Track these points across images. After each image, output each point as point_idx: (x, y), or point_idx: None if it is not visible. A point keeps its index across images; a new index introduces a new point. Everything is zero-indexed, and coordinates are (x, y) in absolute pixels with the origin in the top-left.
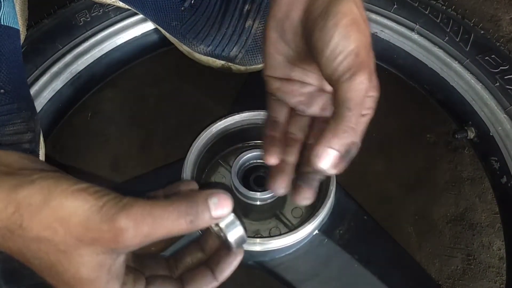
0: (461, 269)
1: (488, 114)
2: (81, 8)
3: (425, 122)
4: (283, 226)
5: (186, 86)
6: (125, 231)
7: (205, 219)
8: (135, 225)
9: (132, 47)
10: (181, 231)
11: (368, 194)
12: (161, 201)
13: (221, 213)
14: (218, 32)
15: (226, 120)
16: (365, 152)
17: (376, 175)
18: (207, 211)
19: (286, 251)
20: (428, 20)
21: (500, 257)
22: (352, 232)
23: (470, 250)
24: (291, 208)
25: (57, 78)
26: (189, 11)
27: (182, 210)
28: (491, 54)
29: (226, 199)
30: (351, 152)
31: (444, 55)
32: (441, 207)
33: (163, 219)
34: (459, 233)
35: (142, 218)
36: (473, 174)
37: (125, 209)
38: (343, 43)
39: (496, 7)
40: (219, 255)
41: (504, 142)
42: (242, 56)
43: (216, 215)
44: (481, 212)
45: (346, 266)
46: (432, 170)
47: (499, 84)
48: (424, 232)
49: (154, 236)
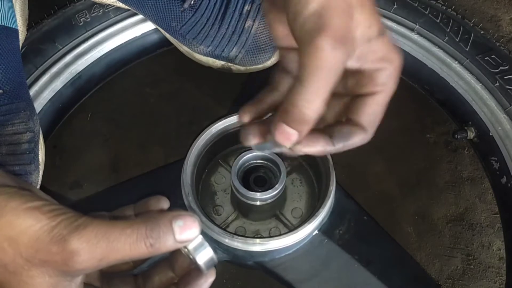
0: (461, 269)
1: (488, 114)
2: (81, 8)
3: (425, 122)
4: (283, 226)
5: (186, 86)
6: (76, 254)
7: (168, 243)
8: (87, 247)
9: (132, 47)
10: (141, 254)
11: (368, 194)
12: (119, 222)
13: (186, 237)
14: (218, 33)
15: (226, 120)
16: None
17: (376, 175)
18: (171, 234)
19: (286, 251)
20: (428, 20)
21: (500, 257)
22: (352, 232)
23: (470, 250)
24: (291, 208)
25: (57, 79)
26: (188, 11)
27: (142, 233)
28: (491, 54)
29: (193, 221)
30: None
31: (444, 55)
32: (441, 207)
33: (119, 242)
34: (459, 233)
35: (96, 241)
36: (473, 174)
37: (78, 230)
38: (303, 2)
39: (496, 7)
40: (190, 276)
41: (504, 142)
42: (242, 56)
43: (181, 239)
44: (481, 212)
45: (346, 266)
46: (432, 170)
47: (499, 84)
48: (424, 232)
49: (110, 259)
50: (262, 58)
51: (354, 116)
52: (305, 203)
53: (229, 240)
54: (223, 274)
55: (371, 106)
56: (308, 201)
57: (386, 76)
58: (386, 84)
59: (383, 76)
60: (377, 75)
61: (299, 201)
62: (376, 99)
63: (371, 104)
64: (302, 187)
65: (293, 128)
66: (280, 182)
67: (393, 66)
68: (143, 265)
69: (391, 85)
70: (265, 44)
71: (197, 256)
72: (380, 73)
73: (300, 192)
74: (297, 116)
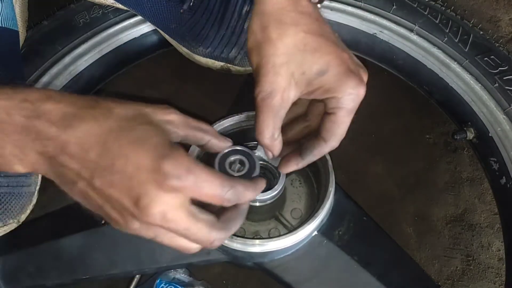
0: (460, 270)
1: (487, 114)
2: (81, 9)
3: (424, 123)
4: (283, 227)
5: (186, 87)
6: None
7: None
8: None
9: (131, 48)
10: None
11: (368, 195)
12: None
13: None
14: (217, 34)
15: (225, 121)
16: (364, 153)
17: (375, 175)
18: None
19: (286, 252)
20: (427, 20)
21: (499, 257)
22: (351, 233)
23: (469, 250)
24: (291, 209)
25: (57, 79)
26: (188, 13)
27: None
28: (490, 55)
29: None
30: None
31: (443, 56)
32: (440, 208)
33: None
34: (458, 234)
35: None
36: (472, 175)
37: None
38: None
39: (495, 8)
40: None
41: (503, 143)
42: (241, 57)
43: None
44: (481, 213)
45: (346, 267)
46: (431, 171)
47: (498, 85)
48: (424, 232)
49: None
50: None
51: (319, 131)
52: (305, 204)
53: (228, 241)
54: (222, 275)
55: (328, 123)
56: (308, 202)
57: (335, 102)
58: (337, 108)
59: (332, 102)
60: (328, 102)
61: (298, 202)
62: (331, 118)
63: (328, 121)
64: (302, 188)
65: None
66: (280, 183)
67: (341, 94)
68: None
69: (343, 107)
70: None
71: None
72: (329, 100)
73: (299, 193)
74: (260, 142)
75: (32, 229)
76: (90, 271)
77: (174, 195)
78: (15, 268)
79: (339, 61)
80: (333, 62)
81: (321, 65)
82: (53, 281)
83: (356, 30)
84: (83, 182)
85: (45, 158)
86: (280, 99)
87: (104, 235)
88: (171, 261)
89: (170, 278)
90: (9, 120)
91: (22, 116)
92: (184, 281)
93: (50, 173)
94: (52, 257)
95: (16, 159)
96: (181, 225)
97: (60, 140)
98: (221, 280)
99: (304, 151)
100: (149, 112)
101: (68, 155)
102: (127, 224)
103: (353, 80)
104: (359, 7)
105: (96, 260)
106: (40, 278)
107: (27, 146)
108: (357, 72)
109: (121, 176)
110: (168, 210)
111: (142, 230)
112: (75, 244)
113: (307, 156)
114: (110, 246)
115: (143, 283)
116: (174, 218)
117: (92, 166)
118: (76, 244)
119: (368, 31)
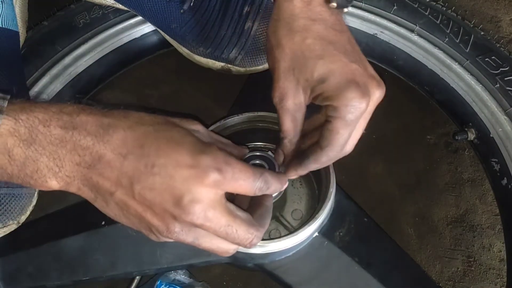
0: (461, 271)
1: (488, 115)
2: (81, 10)
3: (425, 124)
4: (283, 228)
5: (186, 88)
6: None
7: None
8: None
9: (131, 49)
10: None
11: (368, 196)
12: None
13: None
14: (217, 34)
15: (225, 121)
16: (365, 154)
17: (376, 176)
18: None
19: (286, 253)
20: (428, 21)
21: (500, 258)
22: (352, 234)
23: (470, 252)
24: (291, 210)
25: (57, 80)
26: (188, 13)
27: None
28: (491, 55)
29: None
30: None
31: (444, 56)
32: (441, 209)
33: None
34: (459, 235)
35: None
36: (473, 176)
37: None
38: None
39: (496, 8)
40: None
41: (505, 143)
42: (241, 57)
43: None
44: (482, 214)
45: (346, 268)
46: (432, 172)
47: (499, 86)
48: (425, 233)
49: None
50: (261, 60)
51: (319, 139)
52: (305, 205)
53: None
54: (223, 276)
55: (325, 130)
56: (308, 202)
57: (332, 110)
58: (333, 116)
59: (330, 110)
60: (327, 109)
61: (299, 203)
62: (328, 126)
63: (325, 128)
64: (302, 189)
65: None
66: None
67: (338, 103)
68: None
69: (339, 117)
70: (265, 46)
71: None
72: (328, 108)
73: (300, 193)
74: (283, 140)
75: (32, 230)
76: (90, 272)
77: (214, 191)
78: (15, 269)
79: (343, 71)
80: (336, 70)
81: (322, 72)
82: (53, 282)
83: (357, 30)
84: (121, 191)
85: (81, 169)
86: (292, 104)
87: (104, 236)
88: (172, 262)
89: (171, 279)
90: (47, 132)
91: (58, 127)
92: (184, 283)
93: (84, 187)
94: (52, 258)
95: (51, 172)
96: (222, 222)
97: (97, 149)
98: (221, 282)
99: (303, 157)
100: (177, 121)
101: (106, 164)
102: (169, 228)
103: (354, 92)
104: (360, 7)
105: (96, 261)
106: (40, 279)
107: (63, 158)
108: (364, 85)
109: (161, 177)
110: (209, 207)
111: (183, 234)
112: (75, 245)
113: (305, 162)
114: (110, 247)
115: (143, 284)
116: (215, 216)
117: (131, 172)
118: (76, 245)
119: (368, 32)
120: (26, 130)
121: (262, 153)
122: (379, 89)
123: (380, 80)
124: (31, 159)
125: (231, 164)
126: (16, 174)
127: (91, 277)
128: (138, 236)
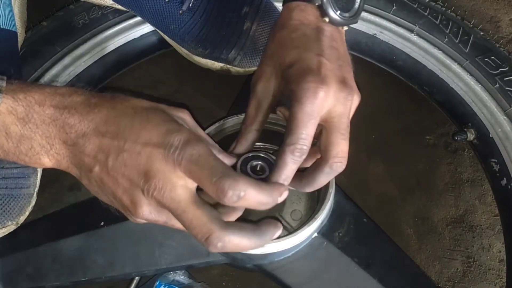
0: (461, 272)
1: (488, 115)
2: (80, 10)
3: (425, 124)
4: (282, 229)
5: (185, 88)
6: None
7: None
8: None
9: (130, 49)
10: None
11: (368, 196)
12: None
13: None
14: (216, 35)
15: (225, 122)
16: (364, 154)
17: (375, 177)
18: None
19: (286, 254)
20: (427, 21)
21: (500, 259)
22: (351, 235)
23: (470, 252)
24: (290, 211)
25: (56, 81)
26: (187, 14)
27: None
28: (490, 56)
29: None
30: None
31: (444, 57)
32: (441, 209)
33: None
34: (459, 235)
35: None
36: (473, 176)
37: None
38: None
39: (495, 8)
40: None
41: (504, 144)
42: (240, 58)
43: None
44: (481, 214)
45: (346, 269)
46: (431, 172)
47: (498, 86)
48: (424, 234)
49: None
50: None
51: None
52: (305, 205)
53: None
54: (222, 276)
55: (325, 137)
56: (308, 203)
57: (292, 95)
58: (293, 102)
59: (291, 95)
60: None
61: (298, 203)
62: (289, 116)
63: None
64: None
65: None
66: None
67: (296, 87)
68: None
69: (296, 102)
70: (264, 46)
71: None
72: (290, 94)
73: (299, 194)
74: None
75: (31, 231)
76: (89, 273)
77: (179, 173)
78: (13, 270)
79: (312, 61)
80: (305, 58)
81: (293, 58)
82: (52, 283)
83: (356, 30)
84: (98, 167)
85: (68, 147)
86: (262, 87)
87: (103, 237)
88: (170, 263)
89: (170, 280)
90: (41, 111)
91: (52, 107)
92: (183, 283)
93: (72, 165)
94: (51, 259)
95: (43, 150)
96: (181, 206)
97: (82, 127)
98: (220, 282)
99: (304, 178)
100: (164, 107)
101: (87, 140)
102: (137, 207)
103: (312, 77)
104: None
105: (95, 262)
106: (39, 280)
107: (54, 136)
108: (325, 78)
109: (130, 153)
110: (172, 186)
111: (153, 214)
112: (74, 246)
113: (307, 181)
114: (109, 248)
115: (142, 285)
116: (176, 195)
117: (107, 148)
118: (75, 246)
119: (368, 32)
120: (23, 109)
121: (262, 154)
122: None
123: (353, 86)
124: (26, 137)
125: (195, 147)
126: (12, 151)
127: (90, 278)
128: (137, 237)
